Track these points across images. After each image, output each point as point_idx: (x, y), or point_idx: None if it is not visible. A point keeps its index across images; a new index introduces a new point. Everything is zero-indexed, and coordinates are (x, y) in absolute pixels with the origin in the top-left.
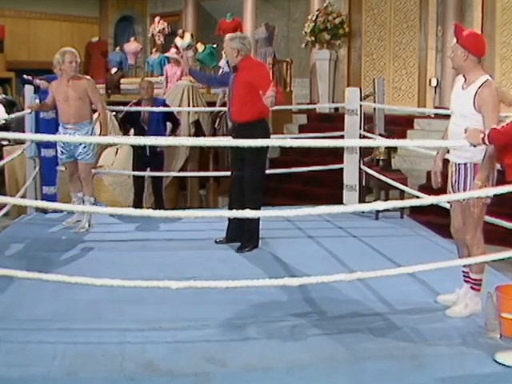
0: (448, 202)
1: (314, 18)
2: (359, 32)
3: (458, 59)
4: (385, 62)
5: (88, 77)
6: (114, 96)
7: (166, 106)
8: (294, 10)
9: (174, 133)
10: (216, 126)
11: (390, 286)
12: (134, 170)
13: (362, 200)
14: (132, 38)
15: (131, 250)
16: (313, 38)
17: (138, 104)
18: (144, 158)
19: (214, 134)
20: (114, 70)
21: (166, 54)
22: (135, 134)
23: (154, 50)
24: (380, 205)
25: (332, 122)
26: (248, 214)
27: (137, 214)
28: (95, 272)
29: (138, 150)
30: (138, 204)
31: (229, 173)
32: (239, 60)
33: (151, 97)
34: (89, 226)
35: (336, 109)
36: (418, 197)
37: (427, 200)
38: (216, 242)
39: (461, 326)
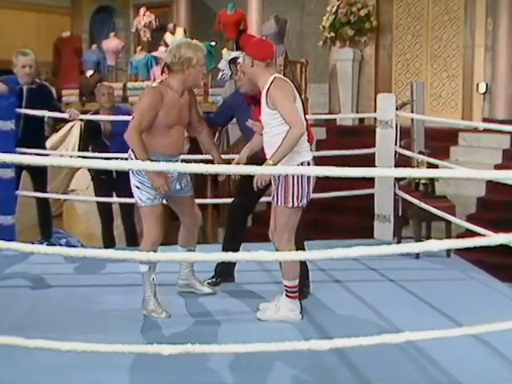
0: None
1: (333, 10)
2: (389, 26)
3: (246, 68)
4: (421, 62)
5: None
6: (89, 104)
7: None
8: (309, 1)
9: None
10: (215, 140)
11: (444, 347)
12: (96, 193)
13: (397, 234)
14: (112, 34)
15: (109, 299)
16: (332, 34)
17: (96, 114)
18: (108, 180)
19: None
20: (89, 73)
21: (154, 54)
22: (94, 151)
23: (138, 48)
24: (437, 244)
25: (356, 136)
26: (263, 256)
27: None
28: (60, 329)
29: (99, 171)
30: (107, 236)
31: (229, 199)
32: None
33: (112, 105)
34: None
35: (361, 120)
36: (477, 233)
37: (498, 238)
38: (209, 283)
39: None
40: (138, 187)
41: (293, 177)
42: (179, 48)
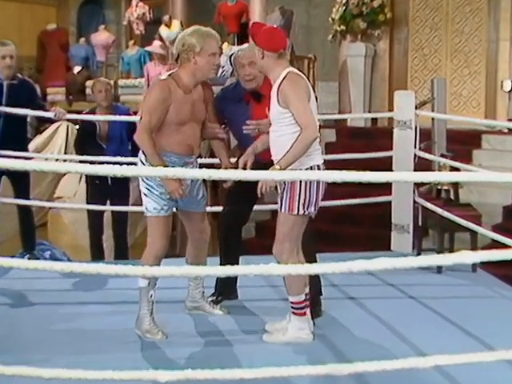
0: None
1: (344, 1)
2: (405, 18)
3: (257, 60)
4: (440, 58)
5: None
6: (77, 104)
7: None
8: None
9: (137, 152)
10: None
11: (473, 370)
12: (88, 201)
13: (417, 245)
14: (102, 27)
15: (98, 318)
16: (343, 28)
17: (91, 114)
18: (102, 186)
19: (212, 156)
20: (77, 69)
21: (148, 49)
22: (89, 154)
23: (131, 42)
24: (469, 256)
25: (369, 138)
26: (274, 269)
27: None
28: (43, 353)
29: (93, 176)
30: (97, 248)
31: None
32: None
33: (110, 104)
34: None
35: (373, 120)
36: (505, 244)
37: None
38: (211, 301)
39: None
40: (145, 194)
41: (300, 181)
42: (184, 36)
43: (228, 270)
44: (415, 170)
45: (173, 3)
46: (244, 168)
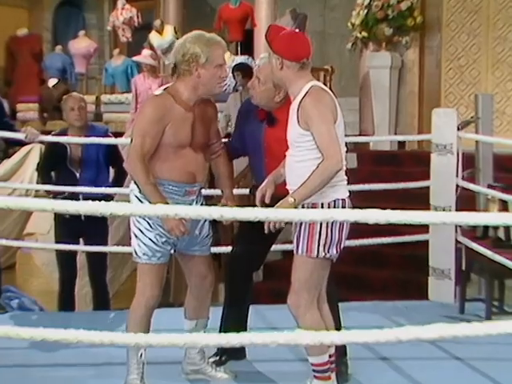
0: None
1: (366, 3)
2: (438, 23)
3: (274, 70)
4: (479, 70)
5: None
6: (52, 123)
7: (109, 137)
8: None
9: (119, 183)
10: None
11: None
12: (56, 239)
13: (461, 295)
14: (81, 33)
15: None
16: (364, 34)
17: (62, 135)
18: (74, 222)
19: (212, 180)
20: (52, 82)
21: (136, 59)
22: (58, 183)
23: (115, 51)
24: None
25: (397, 164)
26: (302, 338)
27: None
28: None
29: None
30: (66, 298)
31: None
32: (280, 104)
33: (84, 124)
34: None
35: (401, 144)
36: None
37: None
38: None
39: None
40: (135, 235)
41: None
42: (184, 43)
43: (244, 339)
44: (457, 204)
45: (165, 6)
46: (262, 202)
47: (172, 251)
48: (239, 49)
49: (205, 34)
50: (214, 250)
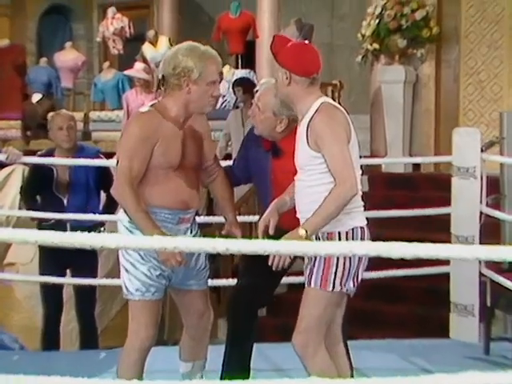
0: None
1: (377, 12)
2: (456, 34)
3: (280, 86)
4: (501, 85)
5: None
6: (36, 142)
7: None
8: (341, 1)
9: (111, 210)
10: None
11: None
12: (40, 271)
13: (486, 333)
14: (68, 44)
15: None
16: (376, 46)
17: (48, 156)
18: (60, 252)
19: (210, 205)
20: (36, 97)
21: (127, 73)
22: (43, 209)
23: (105, 64)
24: None
25: (412, 187)
26: None
27: None
28: None
29: None
30: (50, 336)
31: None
32: (285, 134)
33: (74, 145)
34: None
35: (415, 166)
36: None
37: None
38: None
39: None
40: (126, 270)
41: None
42: (176, 54)
43: None
44: (481, 233)
45: (159, 15)
46: (266, 233)
47: (166, 286)
48: (240, 62)
49: (199, 47)
50: (213, 282)
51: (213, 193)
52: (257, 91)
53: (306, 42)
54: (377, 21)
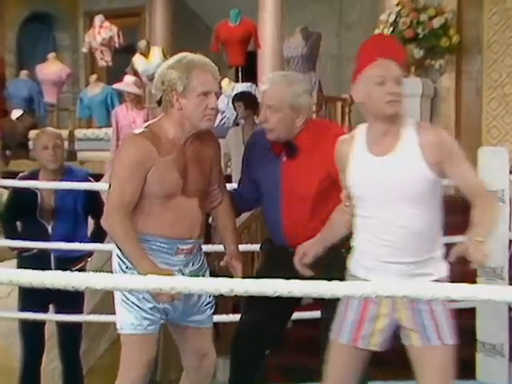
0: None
1: (391, 20)
2: (478, 44)
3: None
4: None
5: None
6: (16, 162)
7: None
8: (350, 6)
9: (100, 239)
10: (211, 221)
11: None
12: (20, 306)
13: None
14: (51, 55)
15: None
16: None
17: (32, 179)
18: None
19: (208, 231)
20: (16, 113)
21: (117, 87)
22: (25, 237)
23: (92, 77)
24: None
25: None
26: None
27: None
28: None
29: (29, 267)
30: (28, 376)
31: (237, 315)
32: (300, 129)
33: (61, 166)
34: None
35: None
36: None
37: None
38: None
39: None
40: (117, 300)
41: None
42: (164, 67)
43: None
44: (510, 263)
45: (151, 24)
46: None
47: (163, 320)
48: (240, 75)
49: (186, 56)
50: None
51: (215, 220)
52: (263, 91)
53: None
54: (391, 29)
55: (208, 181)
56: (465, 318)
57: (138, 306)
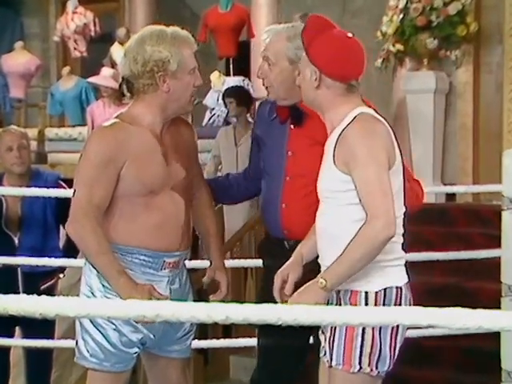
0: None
1: (401, 5)
2: (498, 32)
3: (306, 87)
4: None
5: None
6: None
7: (61, 187)
8: None
9: (74, 252)
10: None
11: None
12: None
13: None
14: (19, 44)
15: None
16: (399, 47)
17: None
18: None
19: (195, 242)
20: None
21: (92, 80)
22: None
23: (65, 70)
24: None
25: (446, 222)
26: None
27: None
28: None
29: None
30: None
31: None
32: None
33: (27, 169)
34: None
35: (449, 195)
36: None
37: None
38: None
39: None
40: (81, 324)
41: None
42: (142, 46)
43: None
44: None
45: (131, 10)
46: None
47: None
48: (232, 67)
49: (165, 30)
50: (201, 343)
51: (193, 221)
52: (264, 47)
53: (350, 34)
54: (401, 16)
55: (191, 169)
56: (486, 342)
57: (107, 339)
